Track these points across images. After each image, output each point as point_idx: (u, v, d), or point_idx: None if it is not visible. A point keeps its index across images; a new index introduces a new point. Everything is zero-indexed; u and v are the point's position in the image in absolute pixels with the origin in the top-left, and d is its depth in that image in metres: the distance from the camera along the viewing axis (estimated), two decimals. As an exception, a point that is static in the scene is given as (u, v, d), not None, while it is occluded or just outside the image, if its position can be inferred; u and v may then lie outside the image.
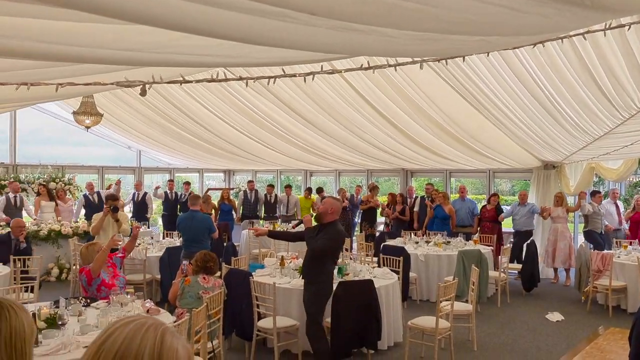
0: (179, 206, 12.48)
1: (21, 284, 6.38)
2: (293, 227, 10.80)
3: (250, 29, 1.59)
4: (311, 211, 11.63)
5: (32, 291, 6.27)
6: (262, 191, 13.00)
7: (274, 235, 6.44)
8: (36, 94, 2.71)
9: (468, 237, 9.32)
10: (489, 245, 9.22)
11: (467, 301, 6.63)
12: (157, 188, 12.76)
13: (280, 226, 11.13)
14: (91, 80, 2.68)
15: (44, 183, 11.22)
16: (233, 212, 12.57)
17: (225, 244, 9.10)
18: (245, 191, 12.91)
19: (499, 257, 8.61)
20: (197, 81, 3.12)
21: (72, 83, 2.62)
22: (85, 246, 5.28)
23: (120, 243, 5.98)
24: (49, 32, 1.89)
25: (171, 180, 13.37)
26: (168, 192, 12.57)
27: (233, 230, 12.08)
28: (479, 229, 10.18)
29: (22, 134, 12.81)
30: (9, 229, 8.02)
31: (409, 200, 11.43)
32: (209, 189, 14.44)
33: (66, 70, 2.43)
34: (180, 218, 7.80)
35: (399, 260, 7.20)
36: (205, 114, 10.30)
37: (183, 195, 12.28)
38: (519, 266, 9.09)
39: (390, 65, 2.77)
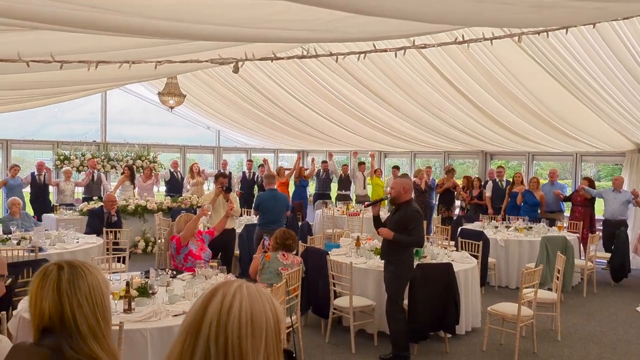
0: (256, 186, 12.87)
1: (113, 254, 6.82)
2: (365, 206, 10.85)
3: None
4: (383, 191, 11.60)
5: (123, 262, 6.68)
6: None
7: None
8: (136, 73, 2.83)
9: (552, 223, 8.85)
10: (574, 232, 8.74)
11: (549, 289, 6.34)
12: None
13: (353, 207, 11.24)
14: (187, 58, 2.76)
15: (129, 165, 11.88)
16: (307, 190, 12.86)
17: (300, 223, 9.22)
18: (319, 170, 13.07)
19: (588, 245, 8.08)
20: (289, 57, 3.12)
21: (170, 61, 2.71)
22: (179, 217, 5.57)
23: (209, 213, 6.10)
24: (149, 7, 1.94)
25: (250, 160, 13.75)
26: (246, 171, 12.96)
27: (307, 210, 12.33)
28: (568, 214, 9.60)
29: (109, 114, 13.57)
30: (102, 203, 8.57)
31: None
32: (280, 168, 14.74)
33: (165, 49, 2.51)
34: (261, 197, 7.57)
35: (478, 245, 7.01)
36: (281, 94, 10.43)
37: (258, 177, 12.62)
38: (608, 255, 8.56)
39: (486, 39, 2.63)
